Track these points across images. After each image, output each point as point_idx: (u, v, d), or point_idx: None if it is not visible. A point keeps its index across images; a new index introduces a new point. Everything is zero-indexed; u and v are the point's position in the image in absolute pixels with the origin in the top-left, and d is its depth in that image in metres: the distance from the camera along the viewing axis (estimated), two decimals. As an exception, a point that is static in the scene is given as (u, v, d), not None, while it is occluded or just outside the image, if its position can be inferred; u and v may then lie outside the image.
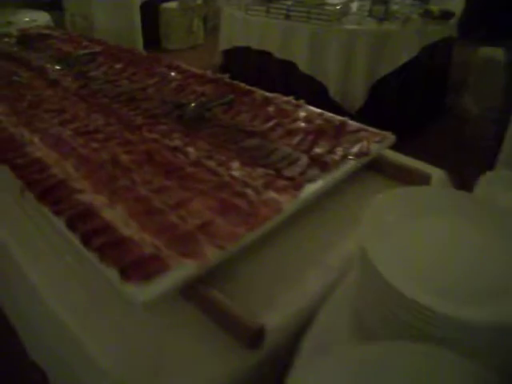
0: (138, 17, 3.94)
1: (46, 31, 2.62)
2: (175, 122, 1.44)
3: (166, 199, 1.07)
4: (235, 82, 1.76)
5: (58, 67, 1.94)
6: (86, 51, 2.08)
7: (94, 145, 1.32)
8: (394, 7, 3.57)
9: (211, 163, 1.22)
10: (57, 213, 1.04)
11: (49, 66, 1.97)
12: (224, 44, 3.76)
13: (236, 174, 1.17)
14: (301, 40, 3.33)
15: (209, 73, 1.81)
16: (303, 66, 3.38)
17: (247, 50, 3.54)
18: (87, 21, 4.46)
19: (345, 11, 3.50)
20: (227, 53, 3.75)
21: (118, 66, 1.95)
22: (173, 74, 1.79)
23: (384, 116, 3.26)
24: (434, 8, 3.71)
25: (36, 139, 1.36)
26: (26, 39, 2.36)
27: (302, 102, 1.58)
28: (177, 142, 1.31)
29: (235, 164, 1.22)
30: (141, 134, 1.37)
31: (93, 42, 2.34)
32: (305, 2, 3.44)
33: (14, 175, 1.20)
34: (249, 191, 1.11)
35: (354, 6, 3.72)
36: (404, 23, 3.42)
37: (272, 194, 1.10)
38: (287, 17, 3.38)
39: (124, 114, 1.50)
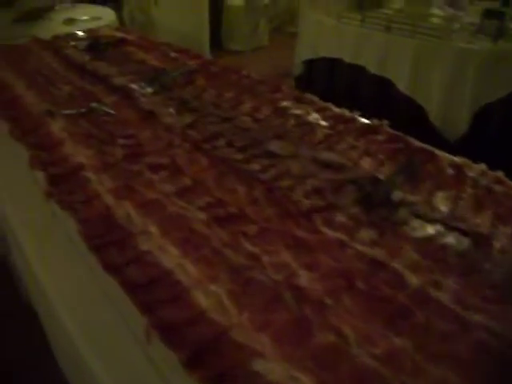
0: (206, 15, 3.46)
1: (119, 34, 2.15)
2: (354, 206, 0.95)
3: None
4: (399, 133, 1.26)
5: (149, 90, 1.46)
6: (182, 70, 1.60)
7: (249, 247, 0.83)
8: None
9: (445, 298, 0.73)
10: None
11: (135, 86, 1.49)
12: (306, 53, 3.25)
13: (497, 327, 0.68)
14: (402, 56, 2.84)
15: (356, 115, 1.31)
16: (402, 85, 2.88)
17: (336, 62, 3.03)
18: (146, 16, 4.00)
19: (452, 25, 2.98)
20: (310, 63, 3.24)
21: (229, 94, 1.46)
22: (314, 115, 1.30)
23: (487, 144, 2.78)
24: (552, 24, 3.16)
25: (152, 227, 0.88)
26: (99, 45, 1.88)
27: (500, 174, 1.09)
28: (377, 251, 0.82)
29: (488, 305, 0.73)
30: (314, 230, 0.88)
31: (182, 54, 1.85)
32: (407, 12, 2.92)
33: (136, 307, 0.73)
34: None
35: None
36: (523, 42, 2.89)
37: None
38: (387, 28, 2.86)
39: (272, 183, 1.01)
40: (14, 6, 2.33)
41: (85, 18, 2.67)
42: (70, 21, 2.61)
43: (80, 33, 2.18)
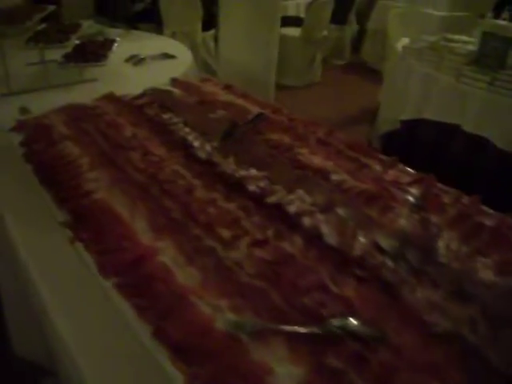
0: (276, 51, 2.80)
1: (237, 100, 1.45)
2: None
3: None
4: None
5: (404, 266, 0.81)
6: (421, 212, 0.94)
7: None
8: None
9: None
10: None
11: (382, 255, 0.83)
12: (404, 111, 2.64)
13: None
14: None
15: None
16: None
17: (450, 128, 2.43)
18: (190, 40, 3.30)
19: None
20: (408, 123, 2.63)
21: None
22: None
23: None
24: None
25: None
26: (235, 130, 1.19)
27: None
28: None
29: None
30: None
31: (364, 154, 1.19)
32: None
33: None
34: None
35: None
36: None
37: None
38: (523, 96, 2.28)
39: None
40: (70, 40, 1.60)
41: (153, 54, 1.94)
42: (137, 60, 1.88)
43: (176, 91, 1.47)
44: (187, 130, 1.20)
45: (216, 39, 3.65)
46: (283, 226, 0.89)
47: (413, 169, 1.16)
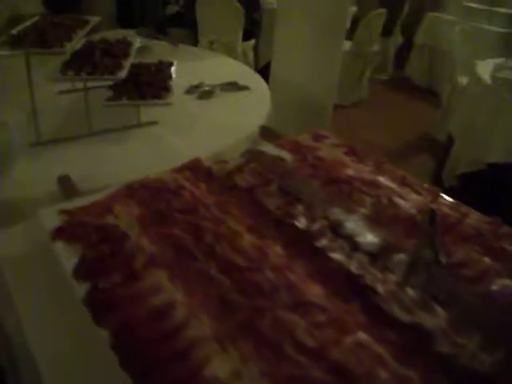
0: (339, 67, 2.35)
1: (382, 180, 0.99)
2: None
3: None
4: None
5: None
6: None
7: None
8: None
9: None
10: None
11: None
12: (493, 151, 2.21)
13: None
14: None
15: None
16: None
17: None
18: (229, 50, 2.83)
19: None
20: (501, 168, 2.21)
21: None
22: None
23: None
24: None
25: None
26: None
27: None
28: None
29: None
30: None
31: None
32: None
33: None
34: None
35: None
36: None
37: None
38: None
39: None
40: (123, 69, 1.12)
41: (220, 84, 1.47)
42: (202, 92, 1.41)
43: (287, 156, 1.01)
44: (347, 248, 0.74)
45: (255, 50, 3.21)
46: None
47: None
